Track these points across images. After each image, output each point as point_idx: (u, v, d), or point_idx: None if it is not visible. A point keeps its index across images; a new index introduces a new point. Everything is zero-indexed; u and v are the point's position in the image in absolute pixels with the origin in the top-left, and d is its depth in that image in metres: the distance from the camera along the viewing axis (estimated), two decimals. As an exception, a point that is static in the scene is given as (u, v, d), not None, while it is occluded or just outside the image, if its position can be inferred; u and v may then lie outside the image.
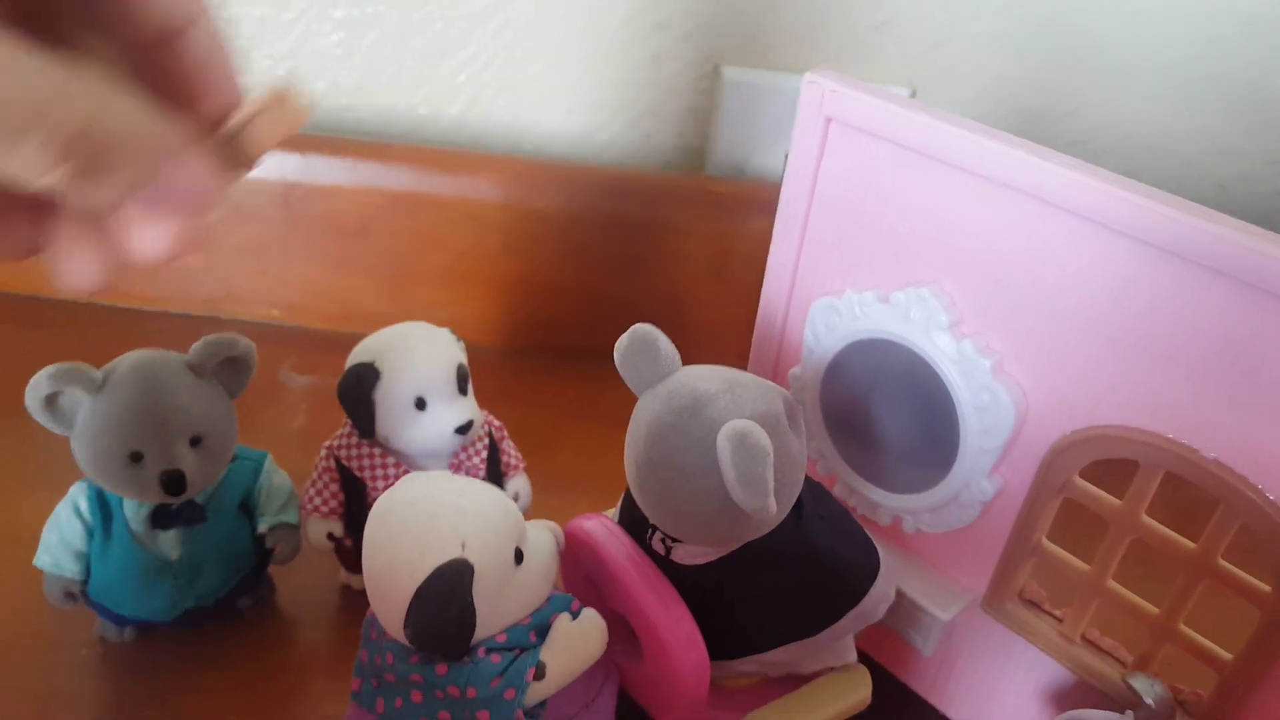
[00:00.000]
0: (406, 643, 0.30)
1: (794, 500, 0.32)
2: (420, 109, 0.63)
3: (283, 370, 0.59)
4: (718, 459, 0.29)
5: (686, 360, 0.62)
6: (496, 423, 0.45)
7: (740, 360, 0.44)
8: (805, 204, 0.39)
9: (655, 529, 0.34)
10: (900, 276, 0.36)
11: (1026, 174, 0.31)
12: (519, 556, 0.30)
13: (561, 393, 0.60)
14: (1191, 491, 0.32)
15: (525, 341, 0.64)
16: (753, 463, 0.28)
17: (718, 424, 0.30)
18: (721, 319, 0.62)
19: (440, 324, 0.63)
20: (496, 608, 0.30)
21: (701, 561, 0.33)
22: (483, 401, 0.45)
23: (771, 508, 0.29)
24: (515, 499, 0.45)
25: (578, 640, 0.32)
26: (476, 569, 0.29)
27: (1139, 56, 0.60)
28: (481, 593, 0.29)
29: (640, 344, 0.32)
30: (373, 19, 0.60)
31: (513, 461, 0.45)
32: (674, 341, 0.62)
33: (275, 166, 0.59)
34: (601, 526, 0.35)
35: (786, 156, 0.62)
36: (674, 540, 0.33)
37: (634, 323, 0.62)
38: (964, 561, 0.39)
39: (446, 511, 0.29)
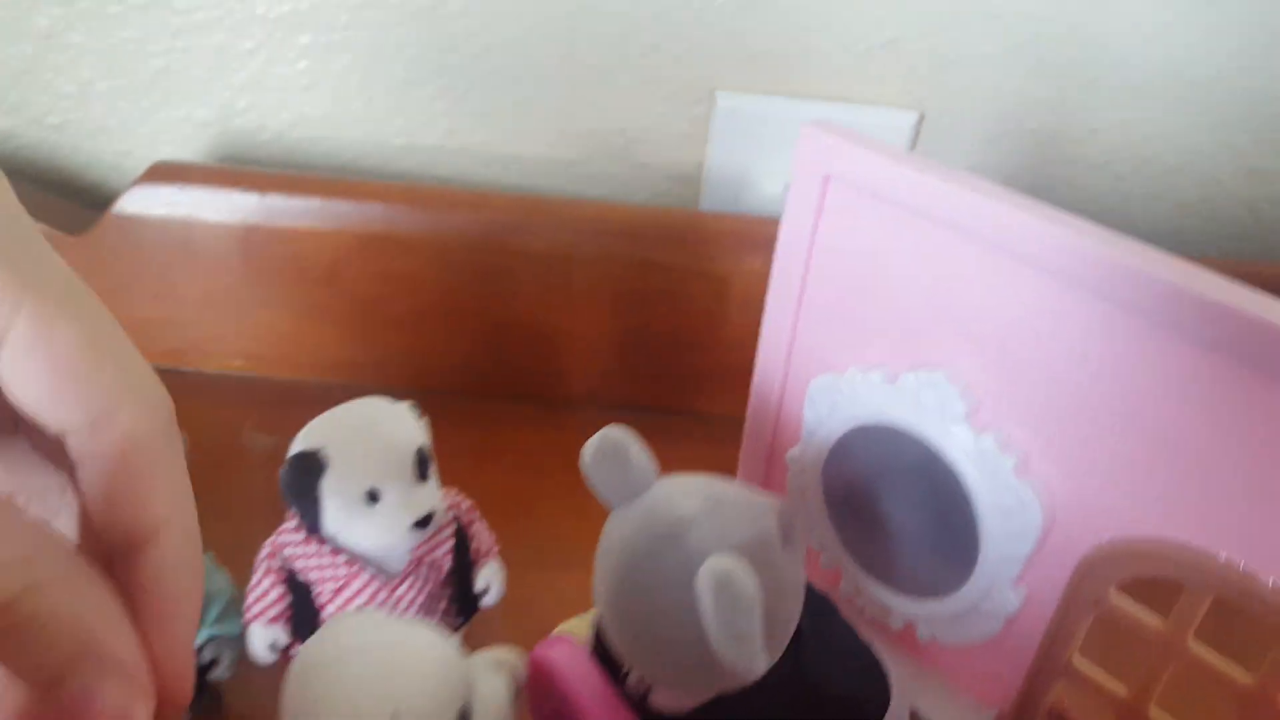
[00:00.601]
0: None
1: (789, 637, 0.28)
2: (395, 140, 0.59)
3: (246, 430, 0.55)
4: (698, 602, 0.25)
5: (679, 403, 0.58)
6: (466, 504, 0.41)
7: (739, 411, 0.40)
8: (802, 269, 0.34)
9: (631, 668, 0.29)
10: (909, 355, 0.32)
11: (1055, 251, 0.27)
12: (464, 717, 0.26)
13: (544, 444, 0.56)
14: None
15: (506, 389, 0.60)
16: (737, 616, 0.24)
17: (699, 557, 0.25)
18: (717, 364, 0.58)
19: (414, 370, 0.60)
20: None
21: (684, 708, 0.28)
22: (458, 455, 0.41)
23: (759, 666, 0.25)
24: (486, 591, 0.41)
25: None
26: None
27: (1161, 74, 0.56)
28: None
29: (611, 452, 0.28)
30: (341, 45, 0.56)
31: (483, 547, 0.41)
32: (667, 390, 0.59)
33: (235, 207, 0.55)
34: (569, 658, 0.30)
35: (786, 189, 0.58)
36: (651, 683, 0.29)
37: (623, 368, 0.59)
38: (985, 675, 0.34)
39: (376, 674, 0.25)
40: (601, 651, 0.31)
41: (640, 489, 0.28)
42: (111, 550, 0.19)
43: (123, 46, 0.56)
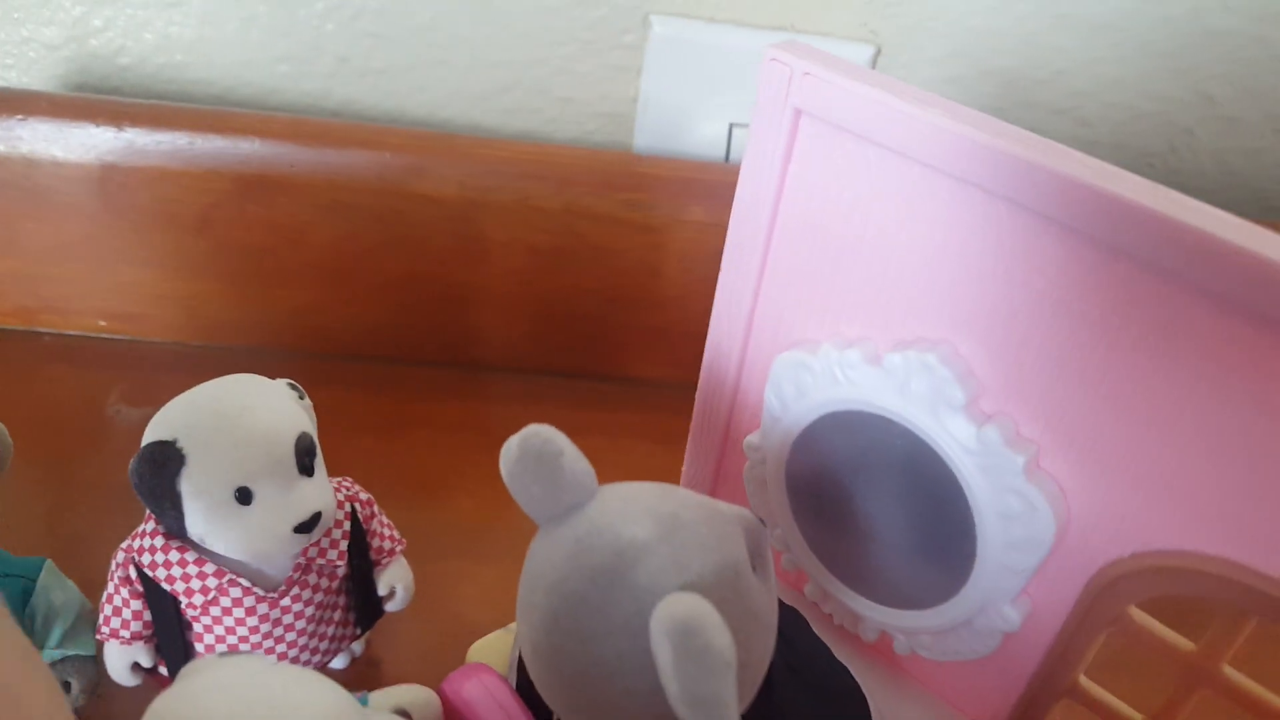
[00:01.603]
0: None
1: (764, 673, 0.23)
2: (278, 67, 0.52)
3: (111, 401, 0.48)
4: (654, 654, 0.19)
5: (611, 368, 0.53)
6: (363, 497, 0.35)
7: (681, 376, 0.35)
8: (766, 222, 0.28)
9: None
10: (897, 329, 0.27)
11: (1084, 206, 0.22)
12: None
13: (461, 415, 0.50)
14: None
15: (416, 353, 0.54)
16: (706, 676, 0.18)
17: (651, 596, 0.20)
18: (657, 323, 0.53)
19: (307, 331, 0.53)
20: None
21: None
22: (362, 429, 0.35)
23: (732, 734, 0.19)
24: (392, 594, 0.35)
25: None
26: None
27: (1133, 8, 0.53)
28: None
29: (535, 461, 0.22)
30: (213, -47, 0.48)
31: (387, 546, 0.35)
32: (597, 354, 0.54)
33: (87, 143, 0.47)
34: (487, 696, 0.25)
35: (732, 128, 0.52)
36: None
37: (548, 330, 0.53)
38: (972, 693, 0.30)
39: (258, 713, 0.19)
40: (526, 684, 0.25)
41: (575, 504, 0.22)
42: None
43: (-54, -50, 0.47)
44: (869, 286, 0.27)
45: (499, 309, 0.53)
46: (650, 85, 0.52)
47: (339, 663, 0.37)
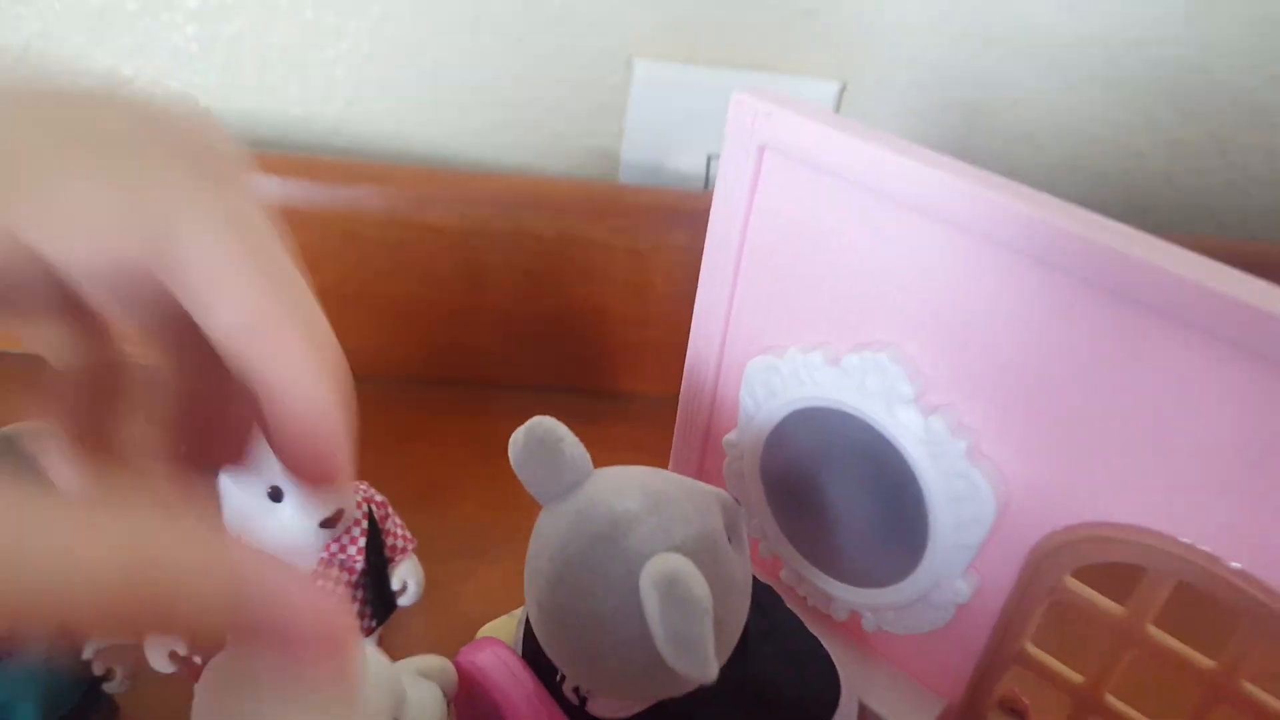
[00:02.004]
0: None
1: (739, 634, 0.26)
2: (292, 110, 0.55)
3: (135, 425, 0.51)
4: (643, 605, 0.23)
5: (603, 383, 0.56)
6: (378, 499, 0.38)
7: (668, 389, 0.38)
8: (737, 244, 0.32)
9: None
10: (853, 334, 0.30)
11: (1009, 222, 0.26)
12: None
13: (463, 430, 0.53)
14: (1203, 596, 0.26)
15: (420, 372, 0.57)
16: (687, 620, 0.22)
17: (641, 558, 0.23)
18: (644, 340, 0.56)
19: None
20: None
21: (625, 715, 0.26)
22: (371, 444, 0.38)
23: (711, 672, 0.22)
24: (404, 589, 0.38)
25: None
26: None
27: (1082, 44, 0.56)
28: None
29: (539, 446, 0.25)
30: (233, 8, 0.52)
31: (399, 544, 0.39)
32: (590, 370, 0.57)
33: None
34: (498, 661, 0.28)
35: (710, 160, 0.56)
36: (589, 690, 0.27)
37: (543, 348, 0.56)
38: (934, 665, 0.33)
39: None
40: (532, 654, 0.28)
41: (574, 484, 0.25)
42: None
43: (-14, 9, 0.51)
44: (828, 298, 0.31)
45: (497, 330, 0.56)
46: (634, 121, 0.55)
47: (356, 656, 0.40)
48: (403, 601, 0.39)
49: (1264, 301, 0.23)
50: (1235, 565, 0.25)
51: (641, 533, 0.24)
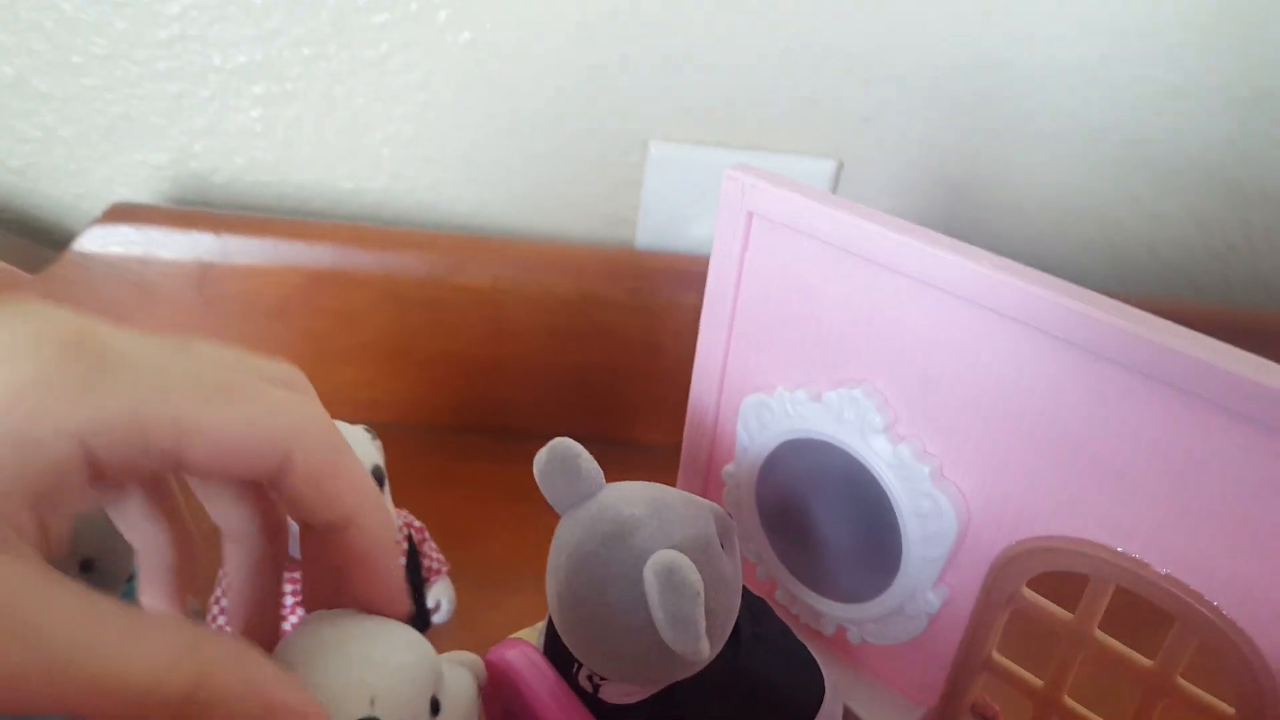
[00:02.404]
0: None
1: (730, 628, 0.30)
2: (343, 184, 0.61)
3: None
4: (645, 594, 0.27)
5: (621, 433, 0.60)
6: (417, 524, 0.43)
7: (679, 439, 0.43)
8: (731, 298, 0.37)
9: (581, 664, 0.31)
10: (832, 374, 0.35)
11: (951, 273, 0.30)
12: (435, 707, 0.28)
13: (492, 475, 0.57)
14: (1150, 604, 0.30)
15: (454, 421, 0.62)
16: (682, 602, 0.26)
17: (644, 554, 0.27)
18: (656, 394, 0.60)
19: (363, 403, 0.61)
20: None
21: (632, 700, 0.30)
22: (409, 485, 0.42)
23: (704, 650, 0.27)
24: (437, 608, 0.43)
25: None
26: None
27: (1060, 124, 0.61)
28: None
29: (560, 462, 0.30)
30: (293, 95, 0.58)
31: (434, 565, 0.43)
32: (607, 418, 0.61)
33: (189, 246, 0.56)
34: (524, 657, 0.32)
35: (719, 230, 0.61)
36: (601, 677, 0.31)
37: (566, 400, 0.61)
38: (913, 674, 0.37)
39: (354, 663, 0.26)
40: (553, 651, 0.32)
41: (588, 494, 0.30)
42: (323, 538, 0.25)
43: (84, 94, 0.57)
44: (810, 342, 0.35)
45: (524, 382, 0.60)
46: (649, 195, 0.60)
47: (393, 672, 0.44)
48: (437, 618, 0.43)
49: (1167, 339, 0.27)
50: (1164, 571, 0.29)
51: (645, 533, 0.28)
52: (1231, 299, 0.67)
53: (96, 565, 0.35)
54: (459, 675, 0.30)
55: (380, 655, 0.27)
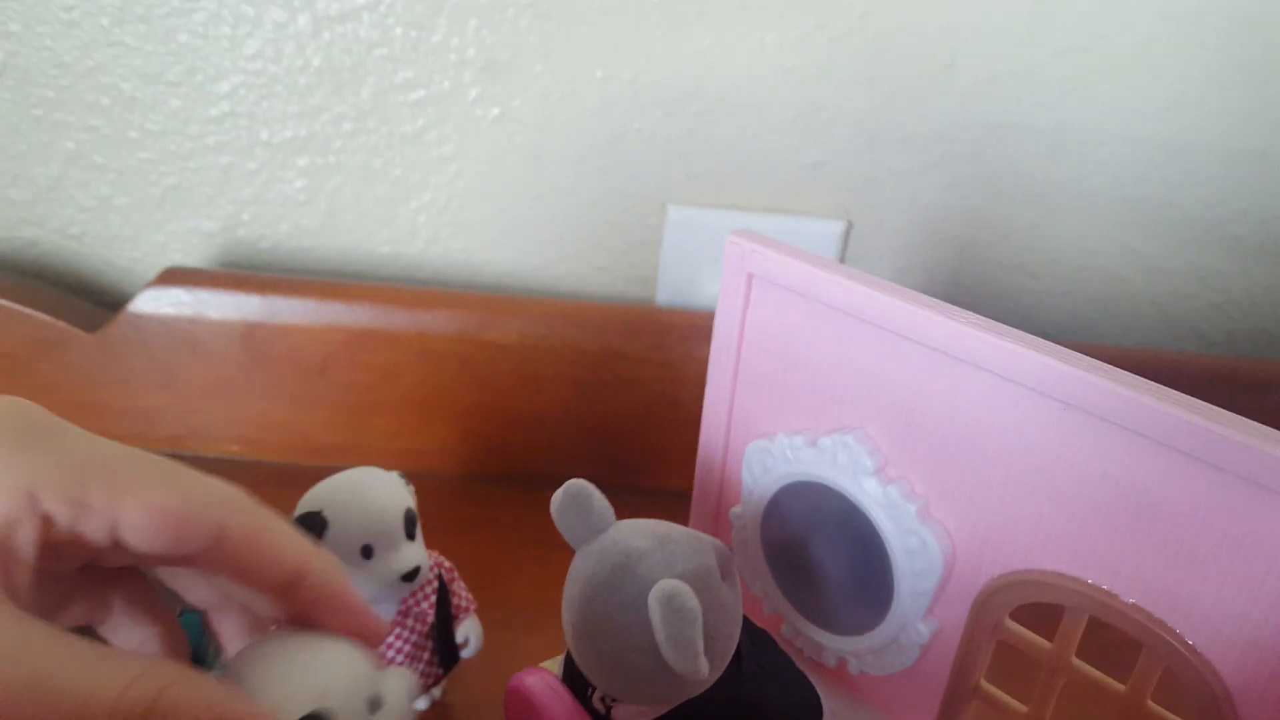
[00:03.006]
0: None
1: (730, 653, 0.33)
2: (382, 249, 0.65)
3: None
4: (650, 618, 0.30)
5: (643, 480, 0.63)
6: (447, 564, 0.46)
7: (692, 485, 0.46)
8: (735, 352, 0.40)
9: (595, 687, 0.34)
10: (827, 422, 0.38)
11: (929, 329, 0.33)
12: (373, 706, 0.30)
13: (519, 520, 0.60)
14: (1120, 632, 0.32)
15: (483, 469, 0.65)
16: (681, 625, 0.29)
17: (649, 583, 0.30)
18: (676, 443, 0.63)
19: (399, 453, 0.65)
20: None
21: (642, 720, 0.33)
22: (440, 529, 0.45)
23: (703, 669, 0.29)
24: (465, 644, 0.45)
25: None
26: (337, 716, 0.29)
27: (1060, 183, 0.64)
28: None
29: (573, 500, 0.33)
30: (335, 167, 0.63)
31: (463, 604, 0.46)
32: (630, 465, 0.64)
33: (236, 306, 0.60)
34: (543, 683, 0.35)
35: (733, 288, 0.64)
36: (613, 699, 0.34)
37: (590, 449, 0.64)
38: (909, 703, 0.39)
39: (301, 664, 0.29)
40: (569, 678, 0.35)
41: (599, 529, 0.33)
42: (284, 593, 0.28)
43: (140, 167, 0.62)
44: (807, 392, 0.38)
45: (549, 432, 0.63)
46: (667, 255, 0.64)
47: (422, 704, 0.47)
48: (465, 654, 0.46)
49: (1125, 388, 0.29)
50: (1130, 600, 0.32)
51: (650, 564, 0.31)
52: (1234, 350, 0.69)
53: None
54: (398, 676, 0.32)
55: (325, 656, 0.30)
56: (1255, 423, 0.28)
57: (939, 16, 0.58)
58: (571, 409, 0.63)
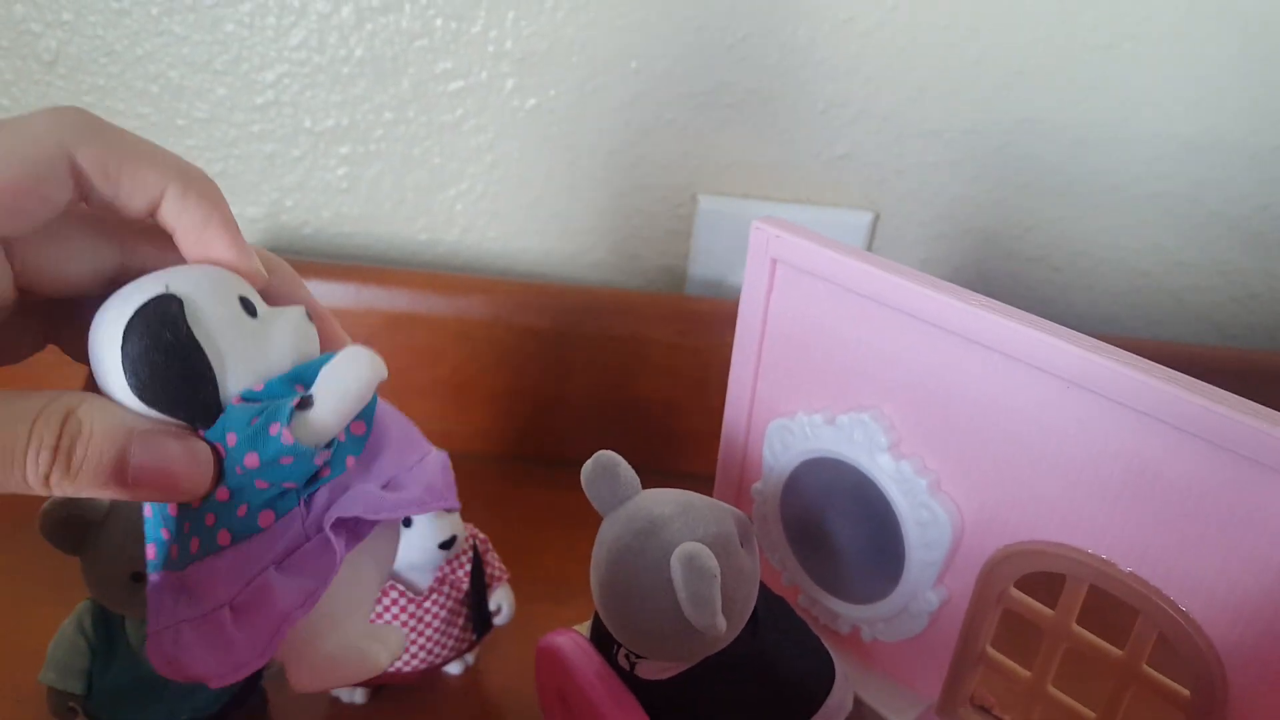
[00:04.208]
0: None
1: (747, 615, 0.35)
2: (420, 236, 0.68)
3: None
4: (672, 578, 0.32)
5: (671, 464, 0.65)
6: (481, 535, 0.48)
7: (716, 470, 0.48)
8: (758, 335, 0.42)
9: (620, 645, 0.36)
10: (845, 401, 0.40)
11: (944, 313, 0.35)
12: (249, 308, 0.27)
13: (549, 500, 0.62)
14: (1119, 601, 0.34)
15: (516, 450, 0.67)
16: (701, 584, 0.31)
17: (672, 546, 0.32)
18: (703, 428, 0.65)
19: (435, 434, 0.66)
20: (237, 356, 0.26)
21: (664, 676, 0.35)
22: (475, 508, 0.47)
23: (720, 626, 0.31)
24: (498, 611, 0.48)
25: (344, 367, 0.27)
26: (189, 303, 0.25)
27: (1085, 178, 0.65)
28: (206, 334, 0.25)
29: (602, 470, 0.35)
30: (375, 155, 0.65)
31: (496, 573, 0.48)
32: (658, 449, 0.67)
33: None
34: (571, 642, 0.37)
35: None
36: (637, 656, 0.36)
37: (620, 433, 0.66)
38: (918, 669, 0.41)
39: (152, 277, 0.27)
40: (596, 638, 0.37)
41: (626, 497, 0.35)
42: (146, 214, 0.26)
43: (187, 153, 0.64)
44: (826, 373, 0.40)
45: (580, 416, 0.66)
46: (697, 245, 0.66)
47: (455, 669, 0.49)
48: (498, 621, 0.48)
49: (1125, 368, 0.31)
50: (1127, 569, 0.33)
51: (673, 529, 0.33)
52: (1255, 343, 0.70)
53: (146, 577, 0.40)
54: (292, 308, 0.29)
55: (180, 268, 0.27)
56: (1251, 402, 0.30)
57: (967, 12, 0.60)
58: (601, 394, 0.65)
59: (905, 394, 0.38)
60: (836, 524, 0.41)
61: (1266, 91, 0.62)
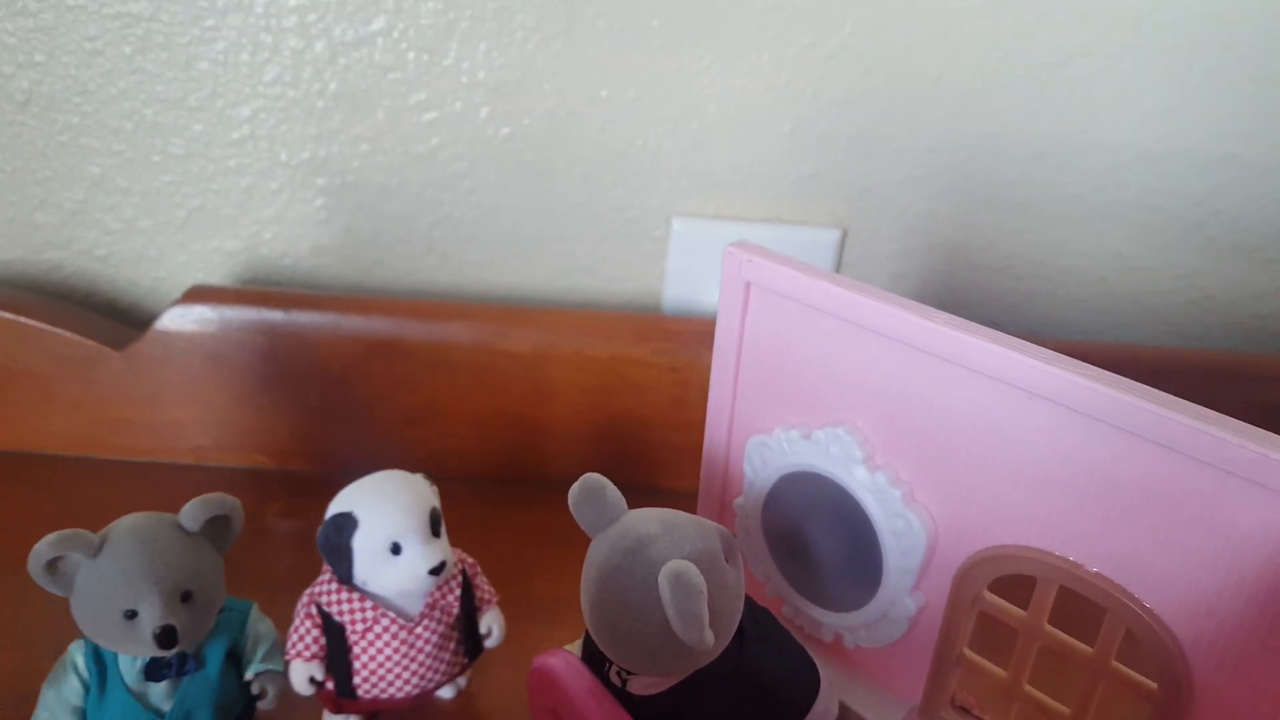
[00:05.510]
0: None
1: (734, 628, 0.36)
2: (398, 263, 0.68)
3: (269, 515, 0.63)
4: (660, 595, 0.33)
5: (652, 481, 0.66)
6: (469, 560, 0.49)
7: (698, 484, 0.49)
8: (735, 354, 0.43)
9: (611, 662, 0.37)
10: (820, 416, 0.41)
11: (912, 331, 0.36)
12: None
13: (535, 521, 0.63)
14: (1088, 600, 0.36)
15: (500, 473, 0.68)
16: (689, 600, 0.32)
17: (659, 564, 0.34)
18: (684, 443, 0.66)
19: (418, 460, 0.68)
20: None
21: (654, 691, 0.36)
22: (460, 532, 0.48)
23: (708, 640, 0.33)
24: (489, 634, 0.48)
25: None
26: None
27: (1044, 190, 0.67)
28: None
29: (589, 492, 0.36)
30: (353, 186, 0.66)
31: (486, 596, 0.49)
32: (640, 466, 0.68)
33: (259, 321, 0.64)
34: (564, 662, 0.38)
35: (733, 294, 0.67)
36: (628, 673, 0.37)
37: (601, 452, 0.67)
38: (900, 673, 0.42)
39: None
40: (588, 657, 0.39)
41: (613, 518, 0.36)
42: None
43: (164, 189, 0.66)
44: (801, 390, 0.42)
45: (561, 437, 0.66)
46: (672, 266, 0.67)
47: (447, 693, 0.50)
48: (489, 644, 0.49)
49: (1082, 378, 0.33)
50: (1094, 570, 0.35)
51: (659, 547, 0.34)
52: (1212, 343, 0.72)
53: (195, 597, 0.41)
54: None
55: None
56: (1201, 407, 0.31)
57: (926, 33, 0.62)
58: (583, 415, 0.66)
59: (878, 408, 0.39)
60: (817, 535, 0.42)
61: (1214, 102, 0.64)
